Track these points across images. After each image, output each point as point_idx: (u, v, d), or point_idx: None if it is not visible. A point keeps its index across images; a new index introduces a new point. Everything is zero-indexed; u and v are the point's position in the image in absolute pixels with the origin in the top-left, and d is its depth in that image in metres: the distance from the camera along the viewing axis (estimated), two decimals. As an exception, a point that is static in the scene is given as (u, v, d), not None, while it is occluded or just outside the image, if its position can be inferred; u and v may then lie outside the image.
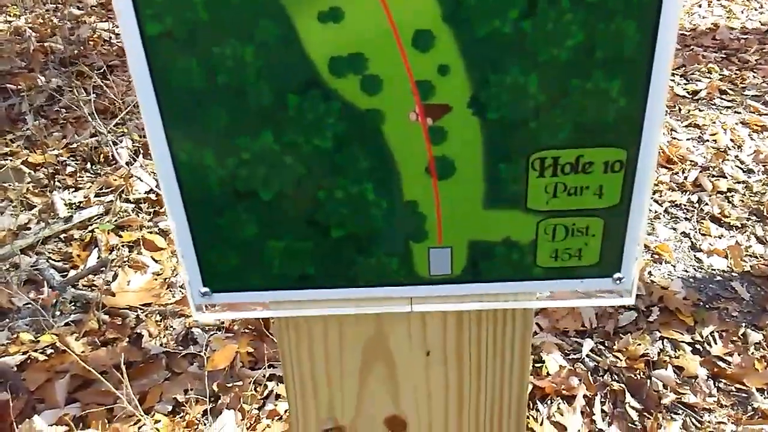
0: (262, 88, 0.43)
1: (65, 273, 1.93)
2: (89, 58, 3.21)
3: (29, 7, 3.80)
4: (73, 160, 2.42)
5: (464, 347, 0.57)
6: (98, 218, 2.13)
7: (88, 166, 2.40)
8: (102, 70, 3.03)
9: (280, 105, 0.43)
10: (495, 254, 0.47)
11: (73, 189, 2.27)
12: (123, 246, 2.04)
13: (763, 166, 2.47)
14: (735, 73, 3.27)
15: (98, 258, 1.98)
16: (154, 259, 1.99)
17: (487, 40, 0.39)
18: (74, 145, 2.49)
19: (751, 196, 2.30)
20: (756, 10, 4.44)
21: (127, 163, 2.37)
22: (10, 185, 2.24)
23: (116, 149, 2.40)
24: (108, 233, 2.06)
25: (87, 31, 3.45)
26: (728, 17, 4.28)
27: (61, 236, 2.07)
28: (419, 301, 0.51)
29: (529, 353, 0.58)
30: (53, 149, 2.48)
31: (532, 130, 0.42)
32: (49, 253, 2.00)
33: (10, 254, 1.92)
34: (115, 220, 2.12)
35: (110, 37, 3.45)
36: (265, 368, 1.59)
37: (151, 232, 2.09)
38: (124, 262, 1.96)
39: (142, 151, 2.45)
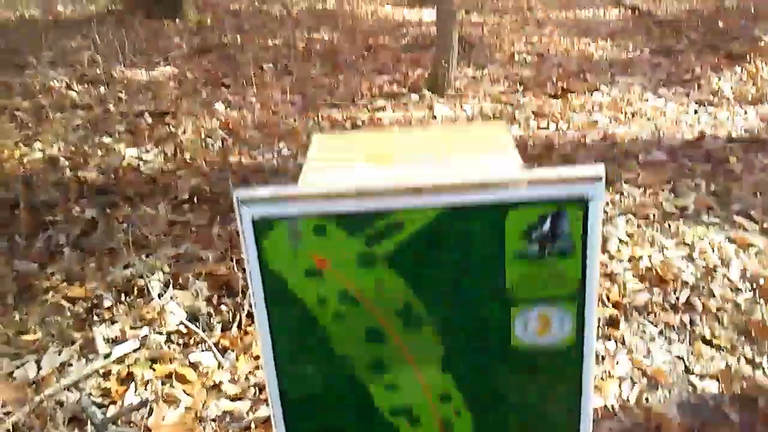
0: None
1: (105, 408, 2.09)
2: (120, 186, 3.47)
3: (61, 134, 4.10)
4: (108, 293, 2.61)
5: None
6: (134, 352, 2.31)
7: (123, 298, 2.59)
8: (132, 200, 3.28)
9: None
10: None
11: (110, 322, 2.46)
12: (157, 379, 2.20)
13: (750, 284, 2.64)
14: (721, 186, 3.48)
15: (135, 393, 2.14)
16: (185, 393, 2.15)
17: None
18: (110, 278, 2.69)
19: (739, 315, 2.46)
20: (741, 117, 4.71)
21: (158, 295, 2.57)
22: (52, 320, 2.43)
23: (149, 281, 2.60)
24: (143, 368, 2.23)
25: (117, 160, 3.73)
26: (714, 125, 4.54)
27: (100, 371, 2.24)
28: None
29: None
30: (90, 282, 2.68)
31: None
32: (90, 388, 2.17)
33: (56, 392, 2.09)
34: (149, 354, 2.29)
35: (138, 165, 3.72)
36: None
37: (182, 365, 2.26)
38: (159, 396, 2.12)
39: (171, 282, 2.65)
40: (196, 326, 2.40)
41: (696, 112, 4.85)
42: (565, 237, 0.71)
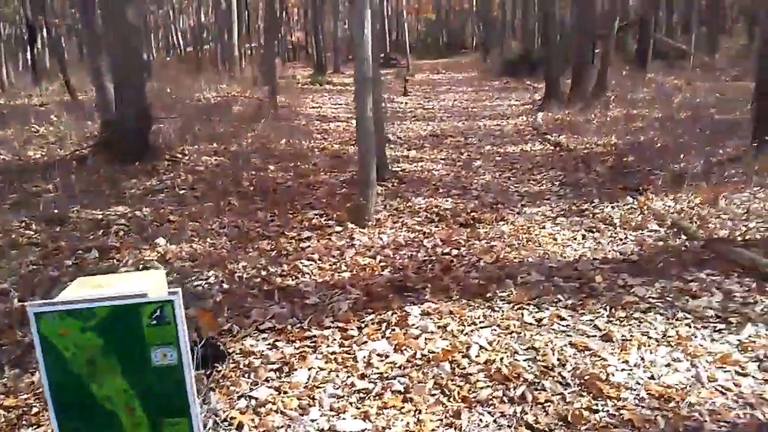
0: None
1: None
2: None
3: (14, 269, 4.65)
4: (38, 402, 3.09)
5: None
6: (52, 450, 2.75)
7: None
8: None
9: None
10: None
11: (36, 426, 2.91)
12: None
13: (579, 380, 3.18)
14: (579, 301, 4.09)
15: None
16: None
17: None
18: (39, 390, 3.16)
19: (564, 405, 2.99)
20: (621, 240, 5.41)
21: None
22: (-15, 426, 2.88)
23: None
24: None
25: (60, 291, 4.26)
26: (595, 248, 5.22)
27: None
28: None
29: None
30: (24, 394, 3.16)
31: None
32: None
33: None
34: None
35: (79, 294, 4.24)
36: None
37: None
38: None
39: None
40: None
41: (584, 237, 5.55)
42: (166, 316, 1.59)
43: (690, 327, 3.67)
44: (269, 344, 3.65)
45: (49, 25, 19.58)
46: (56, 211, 6.06)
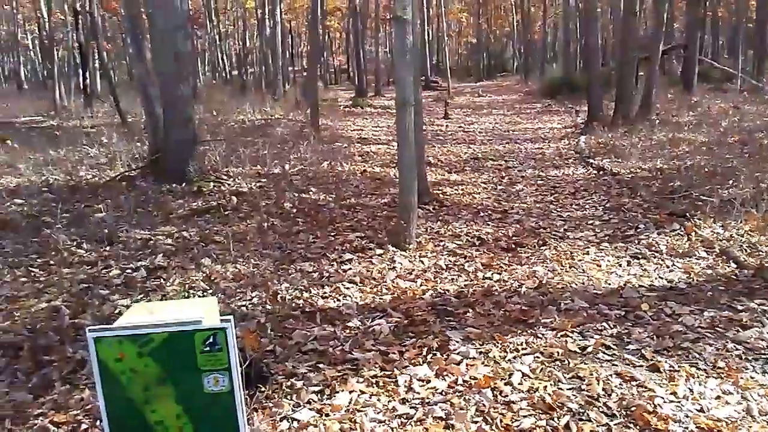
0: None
1: None
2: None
3: (66, 287, 4.79)
4: (87, 419, 3.16)
5: None
6: (100, 466, 2.81)
7: (98, 423, 3.12)
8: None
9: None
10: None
11: (85, 443, 2.98)
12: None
13: (624, 410, 3.12)
14: (625, 329, 4.02)
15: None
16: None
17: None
18: (89, 407, 3.24)
19: (610, 436, 2.94)
20: (667, 268, 5.31)
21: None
22: (38, 441, 2.96)
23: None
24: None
25: (109, 308, 4.38)
26: (641, 275, 5.14)
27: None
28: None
29: None
30: (73, 410, 3.24)
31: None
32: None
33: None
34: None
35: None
36: None
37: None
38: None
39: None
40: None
41: (629, 264, 5.46)
42: (219, 343, 1.63)
43: (741, 358, 3.58)
44: (311, 366, 3.67)
45: (101, 48, 20.22)
46: (106, 230, 6.22)
